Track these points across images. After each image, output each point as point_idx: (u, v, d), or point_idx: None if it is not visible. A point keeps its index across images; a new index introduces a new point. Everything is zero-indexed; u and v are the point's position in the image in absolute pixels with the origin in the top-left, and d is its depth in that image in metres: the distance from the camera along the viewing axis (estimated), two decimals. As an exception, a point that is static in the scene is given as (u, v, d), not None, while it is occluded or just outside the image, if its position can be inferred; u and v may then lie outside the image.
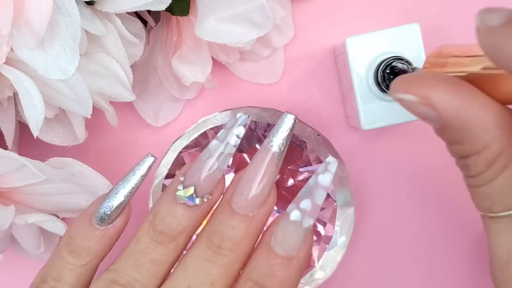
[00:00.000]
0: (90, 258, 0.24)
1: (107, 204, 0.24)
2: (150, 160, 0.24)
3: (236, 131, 0.23)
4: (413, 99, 0.18)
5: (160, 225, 0.23)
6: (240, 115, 0.23)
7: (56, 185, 0.29)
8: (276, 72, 0.36)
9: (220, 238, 0.23)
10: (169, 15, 0.32)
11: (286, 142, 0.23)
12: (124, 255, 0.24)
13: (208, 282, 0.23)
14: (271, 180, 0.23)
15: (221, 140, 0.23)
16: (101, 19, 0.27)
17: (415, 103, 0.18)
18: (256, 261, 0.23)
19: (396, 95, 0.19)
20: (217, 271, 0.23)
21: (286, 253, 0.23)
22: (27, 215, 0.29)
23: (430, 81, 0.18)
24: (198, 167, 0.23)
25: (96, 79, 0.28)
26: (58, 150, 0.32)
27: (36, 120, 0.26)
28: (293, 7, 0.36)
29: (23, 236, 0.31)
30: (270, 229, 0.23)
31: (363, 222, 0.36)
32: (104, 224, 0.24)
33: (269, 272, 0.23)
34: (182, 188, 0.23)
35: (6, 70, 0.25)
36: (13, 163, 0.27)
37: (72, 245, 0.24)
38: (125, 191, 0.24)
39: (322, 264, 0.32)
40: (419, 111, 0.18)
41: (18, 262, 0.35)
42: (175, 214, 0.23)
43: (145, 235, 0.24)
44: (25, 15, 0.24)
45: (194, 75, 0.32)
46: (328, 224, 0.33)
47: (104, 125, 0.36)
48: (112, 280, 0.23)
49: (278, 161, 0.23)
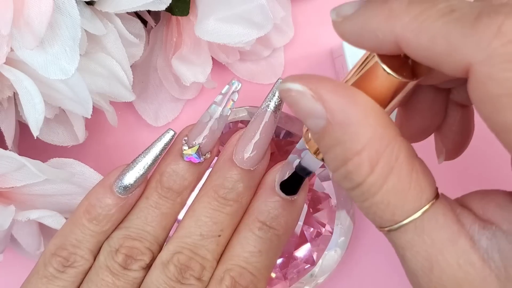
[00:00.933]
0: (110, 225, 0.26)
1: (131, 175, 0.26)
2: (170, 134, 0.26)
3: (232, 95, 0.26)
4: (302, 89, 0.18)
5: (167, 182, 0.26)
6: (233, 82, 0.26)
7: (56, 185, 0.29)
8: (276, 72, 0.36)
9: (226, 190, 0.26)
10: (169, 15, 0.32)
11: (280, 103, 0.26)
12: (134, 212, 0.26)
13: (218, 229, 0.26)
14: (269, 137, 0.26)
15: (219, 104, 0.26)
16: (101, 19, 0.27)
17: (303, 95, 0.18)
18: (261, 205, 0.26)
19: (286, 85, 0.18)
20: (225, 219, 0.26)
21: (290, 196, 0.26)
22: (29, 212, 0.29)
23: (318, 77, 0.18)
24: (200, 128, 0.26)
25: (96, 79, 0.28)
26: (58, 150, 0.32)
27: (36, 120, 0.26)
28: (293, 7, 0.36)
29: (23, 236, 0.31)
30: (271, 177, 0.26)
31: (363, 222, 0.36)
32: (127, 193, 0.26)
33: (276, 213, 0.26)
34: (187, 147, 0.26)
35: (6, 70, 0.25)
36: (13, 163, 0.27)
37: (93, 213, 0.26)
38: (148, 162, 0.26)
39: (322, 264, 0.32)
40: (306, 104, 0.18)
41: (18, 262, 0.35)
42: (180, 171, 0.26)
43: (154, 192, 0.26)
44: (25, 15, 0.24)
45: (194, 75, 0.32)
46: (328, 224, 0.33)
47: (104, 125, 0.36)
48: (125, 236, 0.26)
49: (275, 119, 0.26)
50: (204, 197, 0.26)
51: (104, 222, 0.26)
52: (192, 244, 0.26)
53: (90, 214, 0.26)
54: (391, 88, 0.18)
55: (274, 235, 0.26)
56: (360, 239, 0.36)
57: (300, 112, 0.18)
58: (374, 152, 0.17)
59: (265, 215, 0.26)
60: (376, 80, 0.18)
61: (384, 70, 0.18)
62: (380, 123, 0.18)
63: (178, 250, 0.25)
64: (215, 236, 0.26)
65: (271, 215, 0.26)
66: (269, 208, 0.26)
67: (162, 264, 0.25)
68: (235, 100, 0.27)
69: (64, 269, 0.25)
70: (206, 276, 0.25)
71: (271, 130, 0.26)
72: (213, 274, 0.25)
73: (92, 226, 0.26)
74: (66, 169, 0.29)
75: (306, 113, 0.18)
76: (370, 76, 0.18)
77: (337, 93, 0.18)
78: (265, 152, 0.26)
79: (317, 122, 0.18)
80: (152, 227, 0.26)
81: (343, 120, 0.17)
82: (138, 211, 0.26)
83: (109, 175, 0.27)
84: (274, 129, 0.26)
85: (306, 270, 0.32)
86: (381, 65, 0.18)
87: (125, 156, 0.36)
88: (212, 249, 0.26)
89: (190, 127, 0.27)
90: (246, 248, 0.25)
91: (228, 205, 0.26)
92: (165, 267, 0.25)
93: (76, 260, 0.26)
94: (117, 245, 0.26)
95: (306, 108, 0.18)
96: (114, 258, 0.25)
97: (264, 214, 0.26)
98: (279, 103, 0.26)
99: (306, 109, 0.18)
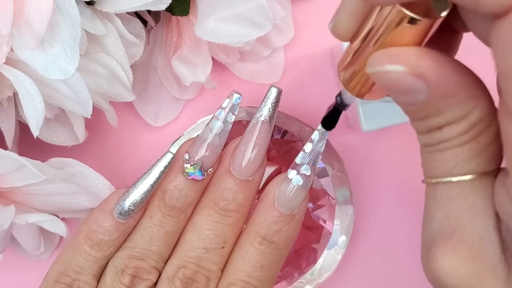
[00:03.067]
0: (112, 249, 0.26)
1: (130, 200, 0.26)
2: (169, 157, 0.26)
3: (232, 109, 0.27)
4: (401, 69, 0.17)
5: (170, 200, 0.26)
6: (234, 94, 0.27)
7: (56, 185, 0.29)
8: (276, 72, 0.36)
9: (226, 202, 0.26)
10: (169, 15, 0.32)
11: (273, 112, 0.26)
12: (138, 232, 0.26)
13: (221, 241, 0.26)
14: (265, 146, 0.26)
15: (219, 119, 0.26)
16: (101, 19, 0.27)
17: (402, 74, 0.17)
18: (262, 220, 0.26)
19: (381, 68, 0.18)
20: (227, 230, 0.26)
21: (290, 211, 0.26)
22: (28, 215, 0.29)
23: (414, 52, 0.18)
24: (201, 144, 0.26)
25: (96, 79, 0.28)
26: (58, 150, 0.32)
27: (36, 120, 0.26)
28: (293, 7, 0.36)
29: (23, 236, 0.31)
30: (272, 191, 0.26)
31: (364, 222, 0.36)
32: (127, 218, 0.26)
33: (276, 228, 0.26)
34: (189, 165, 0.26)
35: (6, 70, 0.25)
36: (12, 163, 0.27)
37: (94, 239, 0.26)
38: (147, 186, 0.26)
39: (322, 263, 0.32)
40: (406, 82, 0.18)
41: (18, 262, 0.35)
42: (183, 188, 0.26)
43: (158, 211, 0.26)
44: (25, 15, 0.24)
45: (194, 75, 0.32)
46: (328, 223, 0.33)
47: (104, 125, 0.36)
48: (129, 256, 0.26)
49: (269, 129, 0.26)
50: (204, 210, 0.26)
51: (106, 247, 0.26)
52: (197, 258, 0.26)
53: (91, 240, 0.26)
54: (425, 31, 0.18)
55: (276, 250, 0.26)
56: (360, 238, 0.36)
57: (397, 90, 0.18)
58: (475, 119, 0.18)
59: (266, 230, 0.26)
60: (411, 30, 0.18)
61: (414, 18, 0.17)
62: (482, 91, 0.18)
63: (183, 264, 0.26)
64: (219, 248, 0.26)
65: (272, 231, 0.26)
66: (270, 223, 0.26)
67: (167, 280, 0.25)
68: (236, 113, 0.27)
69: None
70: (212, 286, 0.26)
71: (266, 139, 0.26)
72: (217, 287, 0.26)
73: (94, 252, 0.26)
74: (66, 169, 0.29)
75: (406, 90, 0.18)
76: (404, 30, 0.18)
77: (439, 66, 0.17)
78: (262, 161, 0.27)
79: (418, 96, 0.18)
80: (157, 246, 0.26)
81: (447, 93, 0.18)
82: (142, 230, 0.26)
83: (108, 199, 0.27)
84: (269, 137, 0.26)
85: (307, 269, 0.32)
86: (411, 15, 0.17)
87: (125, 156, 0.36)
88: (216, 261, 0.26)
89: (190, 142, 0.27)
90: (248, 263, 0.26)
91: (230, 216, 0.26)
92: (171, 283, 0.25)
93: (79, 286, 0.26)
94: (122, 265, 0.26)
95: (406, 86, 0.18)
96: (121, 279, 0.25)
97: (264, 229, 0.26)
98: (273, 111, 0.26)
99: (407, 87, 0.18)
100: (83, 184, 0.30)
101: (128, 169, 0.36)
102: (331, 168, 0.32)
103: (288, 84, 0.37)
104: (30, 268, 0.35)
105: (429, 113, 0.18)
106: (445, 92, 0.18)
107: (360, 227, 0.36)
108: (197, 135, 0.27)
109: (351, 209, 0.32)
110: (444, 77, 0.17)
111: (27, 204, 0.30)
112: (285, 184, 0.26)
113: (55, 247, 0.35)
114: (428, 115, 0.18)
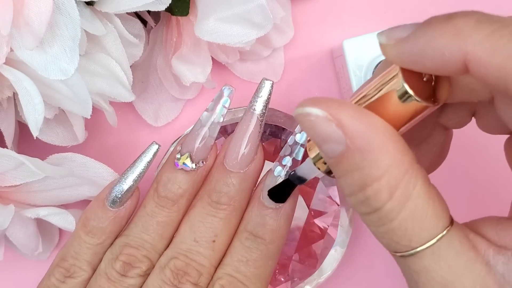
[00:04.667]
0: (105, 237, 0.27)
1: (117, 188, 0.27)
2: (154, 148, 0.27)
3: (223, 102, 0.27)
4: (321, 114, 0.17)
5: (163, 191, 0.27)
6: (225, 87, 0.27)
7: (56, 180, 0.30)
8: (276, 72, 0.36)
9: (218, 194, 0.26)
10: (169, 15, 0.32)
11: (266, 105, 0.27)
12: (134, 221, 0.27)
13: (212, 234, 0.26)
14: (256, 139, 0.27)
15: (210, 111, 0.27)
16: (101, 19, 0.27)
17: (321, 120, 0.17)
18: (249, 214, 0.26)
19: (303, 110, 0.18)
20: (218, 223, 0.26)
21: (274, 204, 0.26)
22: (38, 209, 0.29)
23: (338, 101, 0.18)
24: (192, 136, 0.27)
25: (96, 79, 0.28)
26: (57, 150, 0.32)
27: (35, 120, 0.26)
28: (293, 7, 0.36)
29: (19, 238, 0.31)
30: (260, 186, 0.27)
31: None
32: (116, 206, 0.27)
33: (261, 223, 0.26)
34: (179, 156, 0.27)
35: (6, 70, 0.25)
36: (11, 161, 0.27)
37: (88, 226, 0.27)
38: (133, 176, 0.27)
39: (322, 263, 0.32)
40: (325, 129, 0.18)
41: (17, 262, 0.35)
42: (175, 179, 0.27)
43: (151, 201, 0.27)
44: (25, 16, 0.24)
45: (194, 75, 0.32)
46: (331, 226, 0.33)
47: (104, 125, 0.36)
48: (124, 244, 0.27)
49: (261, 122, 0.27)
50: (198, 202, 0.27)
51: (99, 234, 0.27)
52: (187, 250, 0.26)
53: (86, 227, 0.27)
54: (411, 111, 0.18)
55: (261, 245, 0.26)
56: (360, 237, 0.36)
57: (317, 137, 0.18)
58: (393, 179, 0.17)
59: (251, 224, 0.26)
60: (396, 103, 0.18)
61: (408, 94, 0.17)
62: (399, 150, 0.17)
63: (174, 255, 0.26)
64: (209, 241, 0.26)
65: (257, 225, 0.26)
66: (255, 218, 0.26)
67: (159, 268, 0.26)
68: (227, 106, 0.27)
69: (65, 279, 0.27)
70: (203, 282, 0.26)
71: (258, 131, 0.27)
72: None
73: (88, 238, 0.27)
74: (67, 164, 0.30)
75: (324, 138, 0.18)
76: (389, 98, 0.18)
77: (357, 119, 0.17)
78: (254, 153, 0.27)
79: (335, 147, 0.18)
80: (149, 235, 0.27)
81: (363, 146, 0.17)
82: (136, 219, 0.27)
83: (104, 189, 0.28)
84: (261, 129, 0.27)
85: (309, 272, 0.32)
86: (407, 89, 0.17)
87: (125, 156, 0.36)
88: (208, 255, 0.26)
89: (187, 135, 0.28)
90: (234, 257, 0.26)
91: (221, 209, 0.26)
92: (161, 271, 0.26)
93: (75, 271, 0.27)
94: (117, 252, 0.26)
95: (324, 133, 0.18)
96: (113, 265, 0.26)
97: (250, 223, 0.26)
98: (266, 104, 0.27)
99: (325, 134, 0.18)
100: (86, 175, 0.30)
101: (128, 169, 0.36)
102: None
103: (288, 84, 0.37)
104: (29, 268, 0.35)
105: (348, 168, 0.18)
106: (360, 145, 0.17)
107: (360, 226, 0.36)
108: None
109: (351, 209, 0.32)
110: (363, 128, 0.17)
111: (27, 202, 0.30)
112: (269, 178, 0.27)
113: (54, 246, 0.35)
114: (348, 171, 0.18)
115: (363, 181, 0.18)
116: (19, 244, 0.31)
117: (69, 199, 0.31)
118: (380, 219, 0.18)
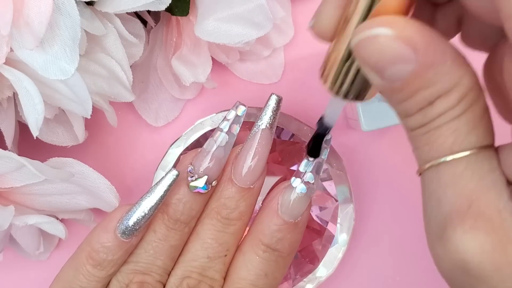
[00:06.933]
0: (115, 268, 0.26)
1: (135, 218, 0.25)
2: (173, 174, 0.25)
3: (237, 121, 0.27)
4: (389, 33, 0.16)
5: (175, 214, 0.26)
6: (238, 106, 0.27)
7: (55, 185, 0.29)
8: (276, 72, 0.36)
9: (229, 211, 0.26)
10: (169, 15, 0.32)
11: (274, 119, 0.26)
12: (142, 247, 0.26)
13: (224, 250, 0.26)
14: (265, 154, 0.26)
15: (224, 131, 0.26)
16: (101, 19, 0.27)
17: (390, 39, 0.17)
18: (265, 227, 0.26)
19: (370, 32, 0.17)
20: (230, 238, 0.26)
21: (293, 219, 0.26)
22: (27, 216, 0.29)
23: (400, 19, 0.17)
24: (205, 157, 0.26)
25: (96, 79, 0.28)
26: (58, 150, 0.32)
27: (35, 120, 0.26)
28: (293, 7, 0.36)
29: (23, 236, 0.31)
30: (275, 199, 0.26)
31: (364, 221, 0.36)
32: (130, 237, 0.25)
33: (279, 236, 0.26)
34: (194, 177, 0.26)
35: (6, 70, 0.25)
36: (12, 163, 0.27)
37: (97, 259, 0.25)
38: (150, 204, 0.25)
39: (323, 262, 0.32)
40: (394, 49, 0.17)
41: (18, 262, 0.35)
42: (187, 202, 0.26)
43: (162, 225, 0.26)
44: (25, 16, 0.24)
45: (194, 75, 0.32)
46: (331, 222, 0.33)
47: (104, 125, 0.36)
48: (134, 271, 0.25)
49: (270, 137, 0.26)
50: (207, 219, 0.26)
51: (109, 267, 0.25)
52: (200, 267, 0.26)
53: (94, 260, 0.25)
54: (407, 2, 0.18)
55: (279, 257, 0.26)
56: (361, 237, 0.36)
57: (383, 60, 0.17)
58: (465, 89, 0.17)
59: (269, 238, 0.26)
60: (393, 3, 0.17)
61: None
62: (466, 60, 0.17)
63: (187, 274, 0.26)
64: (222, 256, 0.26)
65: (275, 238, 0.26)
66: (273, 231, 0.26)
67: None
68: (240, 125, 0.27)
69: None
70: None
71: (267, 146, 0.26)
72: None
73: (97, 272, 0.25)
74: (65, 169, 0.29)
75: (392, 59, 0.17)
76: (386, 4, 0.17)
77: (424, 34, 0.17)
78: (263, 169, 0.26)
79: (404, 67, 0.17)
80: (161, 260, 0.26)
81: (436, 60, 0.17)
82: (145, 245, 0.26)
83: (111, 217, 0.26)
84: (270, 145, 0.26)
85: (310, 270, 0.32)
86: None
87: (125, 156, 0.36)
88: (219, 269, 0.26)
89: (193, 153, 0.27)
90: (252, 271, 0.26)
91: (232, 224, 0.26)
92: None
93: None
94: (126, 280, 0.26)
95: (394, 54, 0.17)
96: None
97: (268, 237, 0.26)
98: (274, 119, 0.26)
99: (394, 54, 0.17)
100: (83, 184, 0.30)
101: (128, 169, 0.36)
102: (329, 166, 0.32)
103: (288, 84, 0.37)
104: (29, 268, 0.35)
105: (418, 86, 0.17)
106: (433, 60, 0.17)
107: (361, 225, 0.36)
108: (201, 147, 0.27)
109: (351, 207, 0.32)
110: (432, 43, 0.17)
111: (26, 204, 0.30)
112: (288, 192, 0.26)
113: (54, 247, 0.35)
114: (417, 89, 0.17)
115: (432, 96, 0.17)
116: (23, 243, 0.31)
117: (67, 207, 0.31)
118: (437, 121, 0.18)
